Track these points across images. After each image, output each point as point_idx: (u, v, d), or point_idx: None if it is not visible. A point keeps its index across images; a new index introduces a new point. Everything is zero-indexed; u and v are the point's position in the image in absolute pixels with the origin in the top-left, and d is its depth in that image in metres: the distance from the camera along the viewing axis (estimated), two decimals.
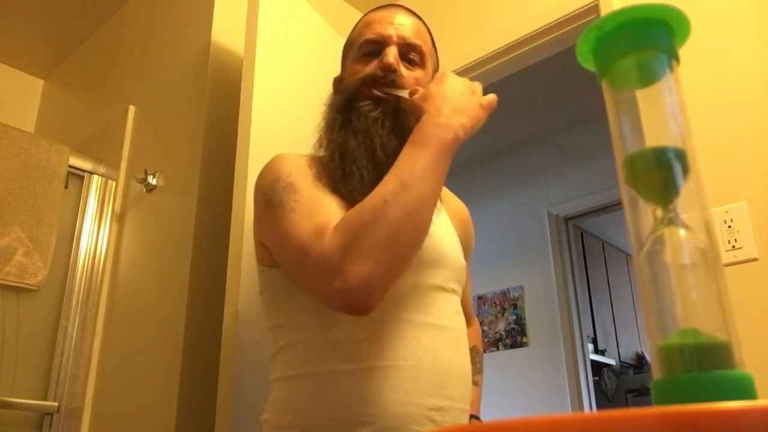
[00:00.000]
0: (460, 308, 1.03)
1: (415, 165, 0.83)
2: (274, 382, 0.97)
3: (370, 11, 1.09)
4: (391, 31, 1.02)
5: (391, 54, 0.99)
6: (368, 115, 0.96)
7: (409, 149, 0.86)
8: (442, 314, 0.97)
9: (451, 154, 0.86)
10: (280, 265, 0.96)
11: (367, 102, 0.98)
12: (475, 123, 0.90)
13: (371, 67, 1.00)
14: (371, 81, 0.99)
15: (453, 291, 1.01)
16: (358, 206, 0.83)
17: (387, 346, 0.89)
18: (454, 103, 0.89)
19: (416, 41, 1.03)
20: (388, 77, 0.98)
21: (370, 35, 1.03)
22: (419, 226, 0.83)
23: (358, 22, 1.10)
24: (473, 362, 1.02)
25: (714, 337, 0.44)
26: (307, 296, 0.93)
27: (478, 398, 1.16)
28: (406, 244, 0.81)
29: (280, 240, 0.90)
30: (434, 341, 0.93)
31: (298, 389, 0.91)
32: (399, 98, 0.97)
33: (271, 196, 0.92)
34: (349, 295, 0.79)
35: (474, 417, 1.09)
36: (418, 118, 0.90)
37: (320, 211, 0.86)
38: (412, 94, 0.95)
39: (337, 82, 1.10)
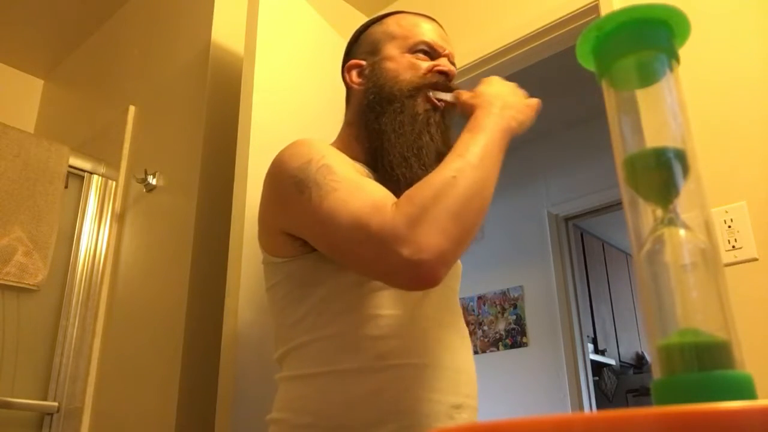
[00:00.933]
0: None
1: (476, 146, 0.86)
2: (285, 380, 0.94)
3: (410, 13, 1.11)
4: (446, 46, 1.07)
5: (448, 66, 1.04)
6: (430, 120, 1.00)
7: (467, 135, 0.88)
8: (454, 312, 0.99)
9: (505, 144, 0.90)
10: (303, 255, 0.92)
11: (429, 106, 1.01)
12: (524, 119, 0.95)
13: (427, 70, 1.02)
14: (433, 85, 1.02)
15: (457, 291, 1.04)
16: (422, 182, 0.83)
17: (411, 344, 0.89)
18: (504, 99, 0.94)
19: (455, 62, 1.09)
20: (447, 84, 1.03)
21: (427, 39, 1.05)
22: (483, 205, 0.84)
23: (395, 17, 1.09)
24: None
25: (714, 336, 0.44)
26: (330, 291, 0.91)
27: None
28: (472, 220, 0.81)
29: (323, 220, 0.85)
30: (450, 339, 0.94)
31: (318, 387, 0.88)
32: (446, 105, 1.01)
33: (304, 177, 0.88)
34: (421, 266, 0.77)
35: None
36: (469, 117, 0.94)
37: (368, 189, 0.85)
38: (455, 97, 1.00)
39: (364, 68, 1.07)
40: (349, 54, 1.13)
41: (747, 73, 1.47)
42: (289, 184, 0.90)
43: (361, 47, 1.10)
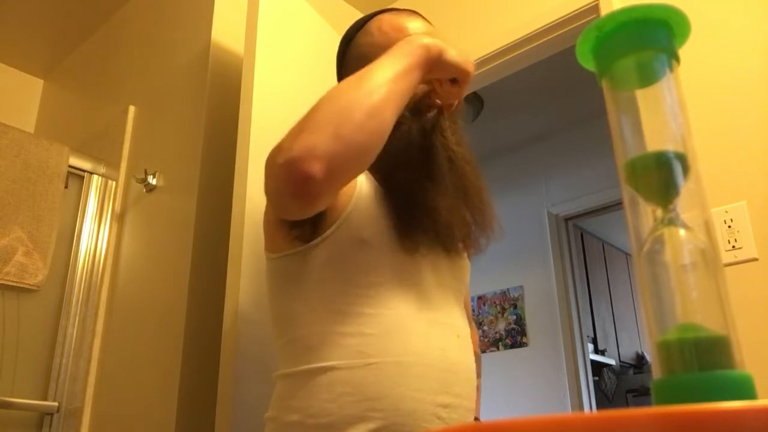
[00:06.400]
0: (464, 308, 1.04)
1: (375, 64, 0.85)
2: (278, 378, 0.95)
3: (387, 13, 1.08)
4: None
5: None
6: (443, 125, 1.00)
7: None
8: (450, 312, 0.98)
9: (413, 59, 0.86)
10: (292, 251, 0.95)
11: (434, 110, 1.01)
12: (441, 49, 0.89)
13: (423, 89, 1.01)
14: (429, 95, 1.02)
15: (459, 291, 1.02)
16: None
17: (397, 342, 0.89)
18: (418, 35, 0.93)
19: None
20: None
21: None
22: (373, 108, 0.80)
23: (375, 24, 1.07)
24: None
25: (713, 331, 0.44)
26: (315, 287, 0.92)
27: (477, 401, 1.17)
28: (355, 118, 0.79)
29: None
30: (442, 339, 0.93)
31: (302, 385, 0.90)
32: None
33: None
34: (290, 165, 0.77)
35: (474, 419, 1.10)
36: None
37: None
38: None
39: None
40: (341, 67, 1.11)
41: (747, 73, 1.47)
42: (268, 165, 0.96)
43: (350, 62, 1.08)
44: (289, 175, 0.77)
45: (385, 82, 0.82)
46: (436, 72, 0.91)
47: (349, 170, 0.81)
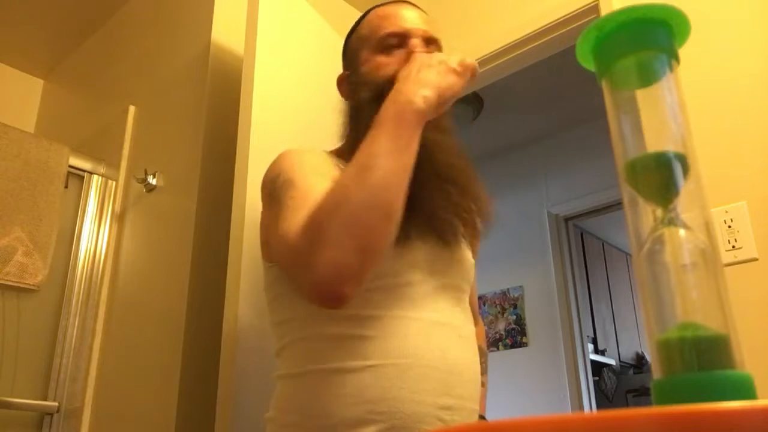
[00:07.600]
0: (469, 307, 1.03)
1: (374, 145, 0.82)
2: (278, 379, 0.96)
3: (379, 6, 1.10)
4: (414, 25, 1.03)
5: (420, 46, 1.00)
6: None
7: (370, 132, 0.84)
8: (451, 312, 0.96)
9: (414, 128, 0.83)
10: None
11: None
12: (442, 91, 0.87)
13: (400, 60, 0.98)
14: None
15: (462, 290, 1.01)
16: (324, 194, 0.81)
17: (396, 344, 0.88)
18: (416, 77, 0.87)
19: (436, 35, 1.05)
20: None
21: (393, 28, 1.02)
22: (386, 206, 0.79)
23: (366, 17, 1.10)
24: (480, 362, 1.02)
25: (713, 330, 0.44)
26: None
27: (483, 399, 1.17)
28: (373, 225, 0.78)
29: (273, 236, 0.92)
30: (444, 340, 0.92)
31: (303, 386, 0.90)
32: None
33: (272, 191, 0.94)
34: (321, 287, 0.77)
35: (481, 417, 1.09)
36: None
37: (310, 205, 0.84)
38: None
39: (348, 78, 1.09)
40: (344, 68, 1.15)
41: (747, 73, 1.47)
42: (264, 197, 0.99)
43: (346, 59, 1.13)
44: (319, 295, 0.79)
45: (389, 168, 0.79)
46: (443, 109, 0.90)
47: (374, 268, 0.82)
